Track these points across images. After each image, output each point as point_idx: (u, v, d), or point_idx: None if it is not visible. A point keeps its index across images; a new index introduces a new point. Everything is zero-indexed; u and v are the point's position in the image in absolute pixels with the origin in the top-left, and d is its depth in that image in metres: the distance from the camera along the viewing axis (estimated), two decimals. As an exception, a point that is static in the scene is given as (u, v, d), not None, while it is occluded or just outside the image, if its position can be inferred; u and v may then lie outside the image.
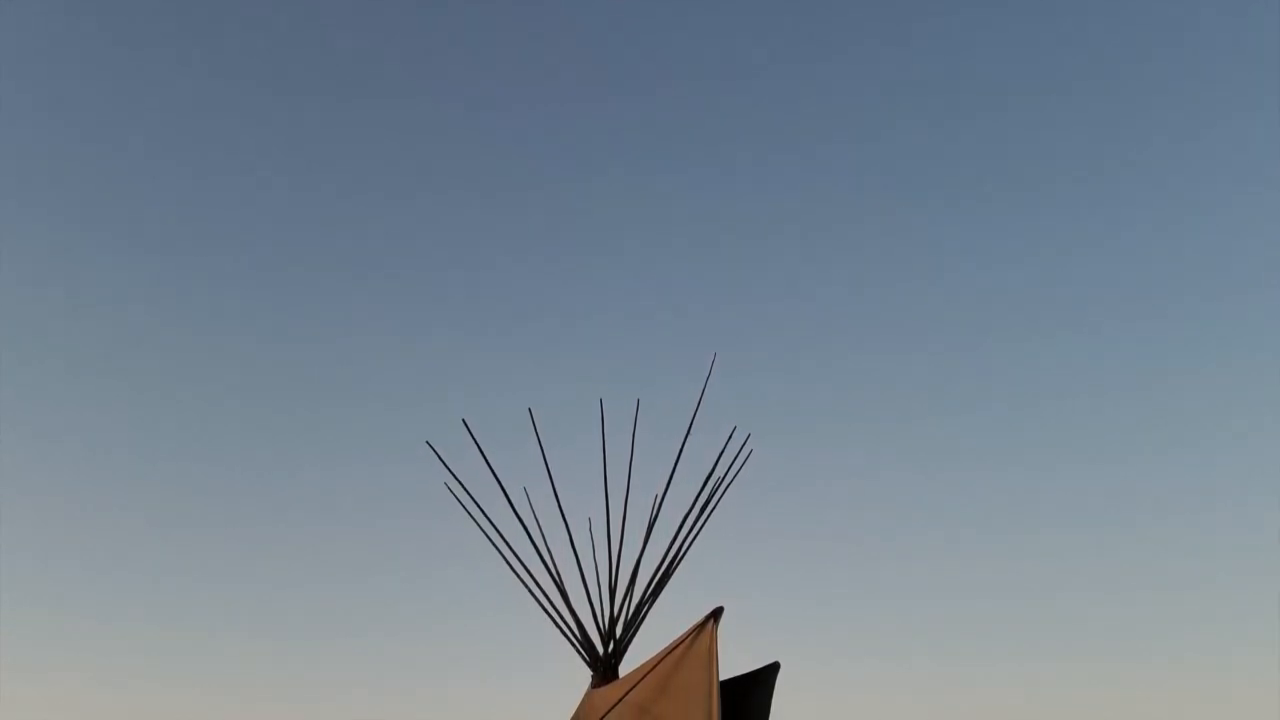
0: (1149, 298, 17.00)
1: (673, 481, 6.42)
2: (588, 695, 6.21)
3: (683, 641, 5.53)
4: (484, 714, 15.78)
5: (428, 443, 6.79)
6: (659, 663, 5.60)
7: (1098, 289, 17.19)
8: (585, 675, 6.33)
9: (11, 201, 16.28)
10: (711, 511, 6.41)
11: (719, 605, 5.47)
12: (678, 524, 6.34)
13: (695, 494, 6.40)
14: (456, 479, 6.74)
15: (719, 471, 6.49)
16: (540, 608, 6.50)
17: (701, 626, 5.47)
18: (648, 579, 6.34)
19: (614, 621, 6.36)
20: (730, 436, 6.54)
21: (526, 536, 6.55)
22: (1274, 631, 14.01)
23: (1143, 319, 16.97)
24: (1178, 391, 16.76)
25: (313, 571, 16.96)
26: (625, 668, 6.20)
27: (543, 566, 6.51)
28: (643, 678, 5.64)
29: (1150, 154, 17.02)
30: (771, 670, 5.91)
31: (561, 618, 6.44)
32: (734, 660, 5.63)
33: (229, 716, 15.77)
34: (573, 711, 6.20)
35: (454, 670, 16.18)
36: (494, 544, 6.63)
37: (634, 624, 6.35)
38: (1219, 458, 16.44)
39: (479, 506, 6.68)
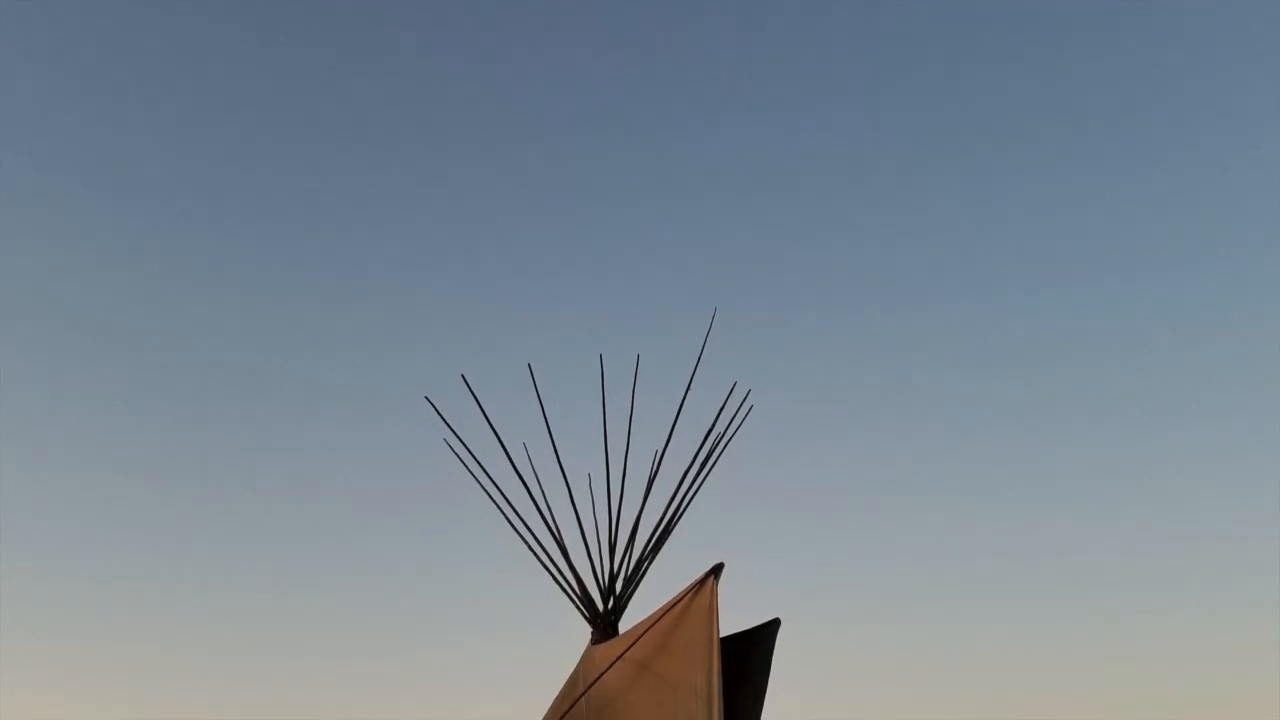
0: (1155, 251, 16.92)
1: (673, 437, 6.38)
2: (587, 652, 6.20)
3: (683, 598, 5.50)
4: (483, 670, 15.87)
5: (426, 398, 6.74)
6: (659, 619, 5.58)
7: (1104, 241, 17.11)
8: (585, 632, 6.32)
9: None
10: (712, 467, 6.37)
11: (719, 561, 5.43)
12: (678, 480, 6.29)
13: (695, 449, 6.35)
14: (455, 434, 6.70)
15: (719, 427, 6.44)
16: (540, 564, 6.48)
17: (702, 583, 5.43)
18: (648, 535, 6.31)
19: (614, 578, 6.33)
20: (731, 391, 6.49)
21: (526, 492, 6.51)
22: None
23: (1150, 272, 16.91)
24: (1186, 346, 16.72)
25: (309, 527, 17.02)
26: (625, 624, 6.18)
27: (542, 523, 6.48)
28: (643, 634, 5.62)
29: (1158, 103, 16.89)
30: (772, 627, 5.88)
31: (561, 574, 6.42)
32: (734, 617, 5.61)
33: (222, 673, 15.88)
34: (573, 668, 6.22)
35: (453, 627, 16.26)
36: (493, 500, 6.60)
37: (634, 580, 6.32)
38: (1227, 412, 16.44)
39: (478, 462, 6.65)
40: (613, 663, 5.70)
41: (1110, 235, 17.08)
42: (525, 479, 6.52)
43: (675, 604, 5.54)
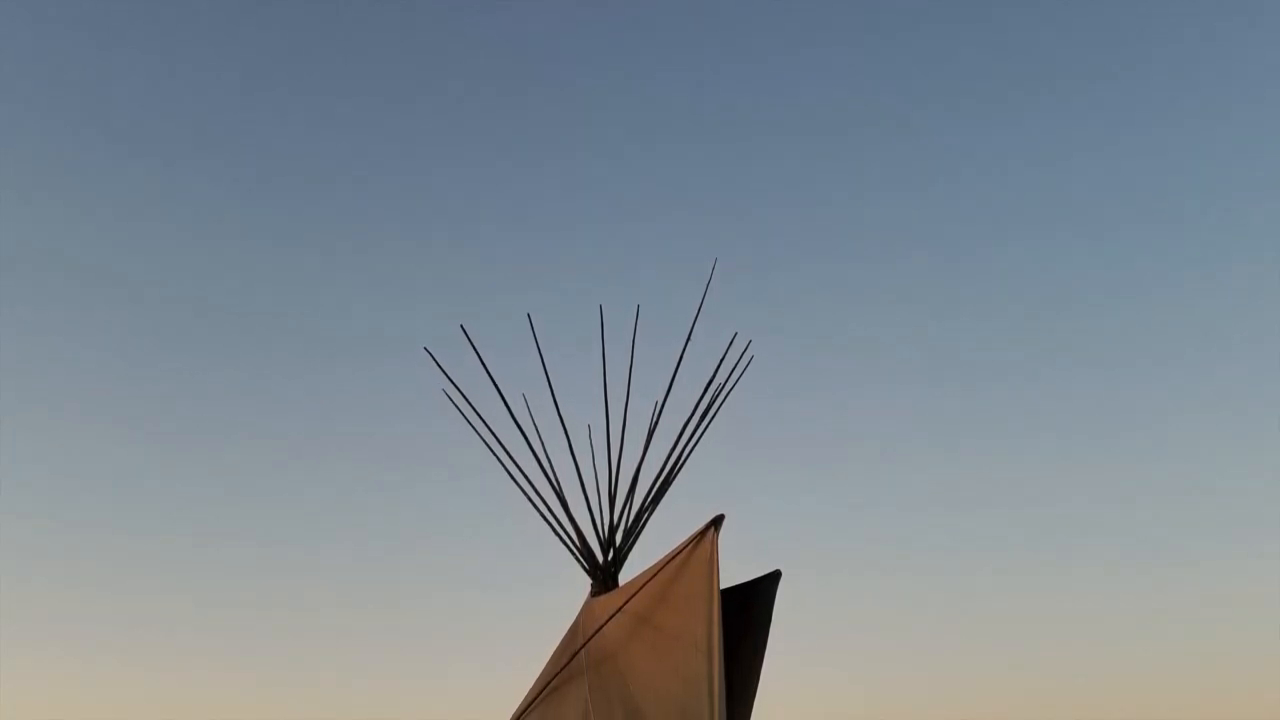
0: (1155, 203, 16.81)
1: (673, 388, 6.33)
2: (587, 604, 6.18)
3: (683, 550, 5.47)
4: (482, 623, 15.93)
5: (425, 349, 6.69)
6: (659, 571, 5.55)
7: (1104, 192, 17.00)
8: (584, 584, 6.30)
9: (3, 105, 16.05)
10: (712, 418, 6.32)
11: (720, 513, 5.39)
12: (678, 431, 6.25)
13: (696, 401, 6.30)
14: (455, 385, 6.66)
15: (720, 378, 6.39)
16: (539, 516, 6.44)
17: (702, 534, 5.40)
18: (648, 487, 6.27)
19: (614, 529, 6.30)
20: (731, 342, 6.43)
21: (525, 444, 6.47)
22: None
23: (1148, 224, 16.81)
24: (1188, 298, 16.65)
25: (308, 478, 17.03)
26: (625, 576, 6.16)
27: (541, 474, 6.44)
28: (643, 586, 5.60)
29: (1155, 56, 16.72)
30: (772, 579, 5.86)
31: (561, 526, 6.39)
32: (735, 569, 5.59)
33: (220, 624, 15.95)
34: (572, 620, 6.20)
35: (451, 579, 16.31)
36: (492, 451, 6.57)
37: (634, 532, 6.29)
38: (1226, 365, 16.40)
39: (477, 413, 6.61)
40: (612, 615, 5.68)
41: (1112, 185, 16.97)
42: (525, 430, 6.49)
43: (675, 556, 5.50)
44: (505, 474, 6.53)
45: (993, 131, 17.15)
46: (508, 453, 6.52)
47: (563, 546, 6.40)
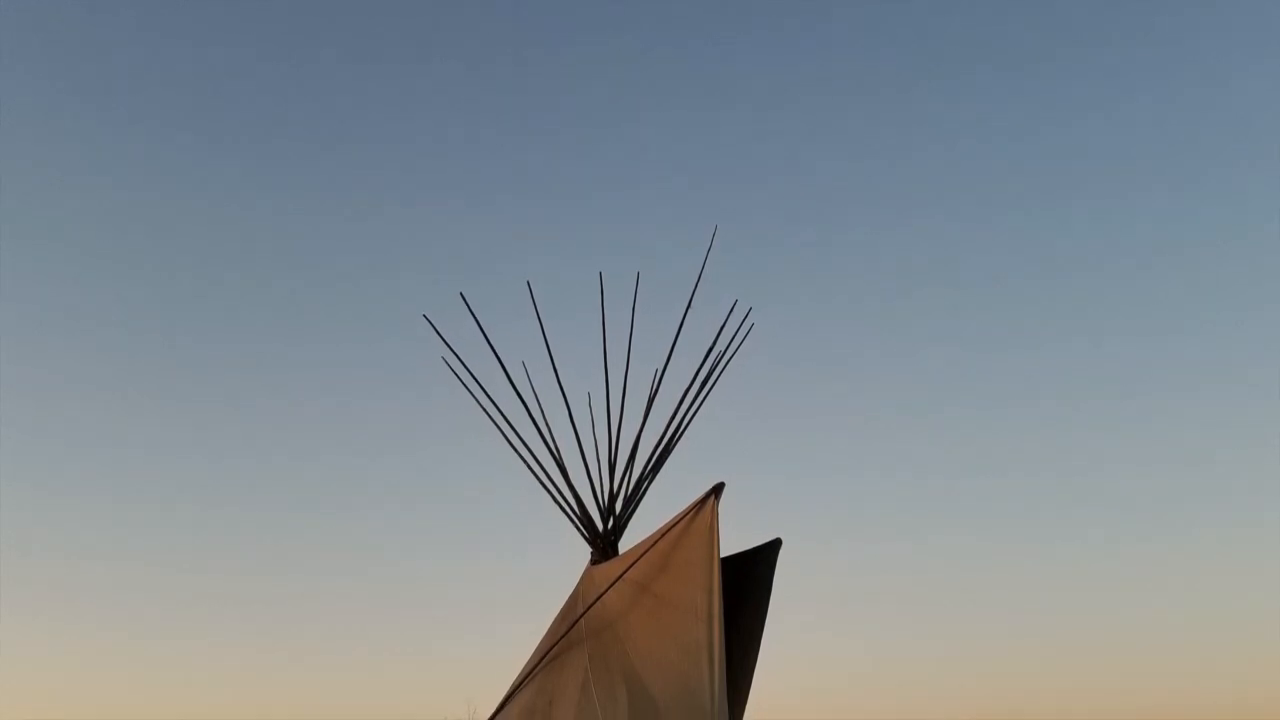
0: (1154, 175, 16.74)
1: (673, 356, 6.31)
2: (587, 572, 6.17)
3: (683, 518, 5.47)
4: (482, 591, 15.98)
5: (425, 316, 6.67)
6: (659, 539, 5.55)
7: (1108, 158, 16.92)
8: (585, 552, 6.30)
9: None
10: (712, 386, 6.30)
11: (720, 481, 5.39)
12: (678, 399, 6.23)
13: (696, 368, 6.28)
14: (454, 353, 6.63)
15: (720, 345, 6.37)
16: (539, 484, 6.43)
17: (702, 503, 5.40)
18: (648, 455, 6.26)
19: (614, 498, 6.29)
20: (731, 310, 6.40)
21: (525, 412, 6.46)
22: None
23: (1149, 194, 16.74)
24: (1186, 271, 16.61)
25: (309, 445, 17.04)
26: (625, 545, 6.15)
27: (541, 442, 6.43)
28: (643, 555, 5.59)
29: (1161, 20, 16.60)
30: (773, 547, 5.85)
31: (561, 494, 6.38)
32: (735, 537, 5.58)
33: (223, 593, 16.01)
34: (572, 589, 6.20)
35: (451, 546, 16.35)
36: (492, 419, 6.55)
37: (634, 500, 6.27)
38: (1226, 334, 16.37)
39: (477, 381, 6.59)
40: (612, 583, 5.68)
41: (1113, 152, 16.90)
42: (524, 398, 6.47)
43: (675, 524, 5.50)
44: (505, 442, 6.53)
45: (995, 97, 17.07)
46: (507, 420, 6.51)
47: (562, 515, 6.39)
